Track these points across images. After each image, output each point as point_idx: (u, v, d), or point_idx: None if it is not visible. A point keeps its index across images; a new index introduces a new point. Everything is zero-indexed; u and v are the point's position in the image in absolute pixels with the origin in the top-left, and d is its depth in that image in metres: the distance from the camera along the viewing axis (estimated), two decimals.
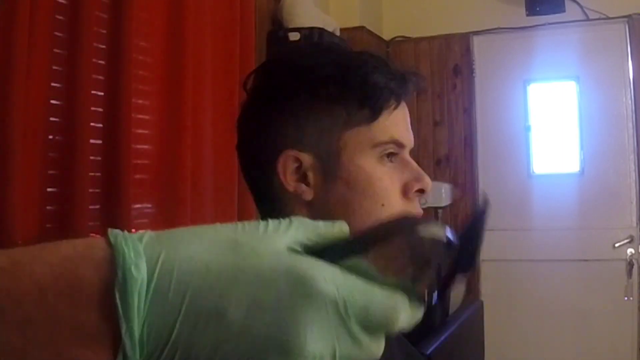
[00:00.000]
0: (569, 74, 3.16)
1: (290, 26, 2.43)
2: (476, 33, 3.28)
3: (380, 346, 0.35)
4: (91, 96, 1.57)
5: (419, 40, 3.37)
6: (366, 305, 0.34)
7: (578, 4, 3.10)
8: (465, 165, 3.31)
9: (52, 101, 1.50)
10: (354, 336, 0.34)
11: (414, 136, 0.81)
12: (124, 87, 1.63)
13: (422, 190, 0.78)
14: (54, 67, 1.49)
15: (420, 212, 0.79)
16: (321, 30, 2.47)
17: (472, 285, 3.16)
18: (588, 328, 3.03)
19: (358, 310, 0.34)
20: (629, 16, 3.03)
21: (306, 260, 0.34)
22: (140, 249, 0.33)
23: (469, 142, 3.30)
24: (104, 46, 1.63)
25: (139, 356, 0.33)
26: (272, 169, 0.76)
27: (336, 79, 0.75)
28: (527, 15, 3.13)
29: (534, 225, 3.16)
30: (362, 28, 3.04)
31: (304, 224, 0.38)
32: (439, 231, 0.38)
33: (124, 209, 1.61)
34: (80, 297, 0.33)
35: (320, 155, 0.75)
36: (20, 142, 1.35)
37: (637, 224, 3.02)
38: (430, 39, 3.36)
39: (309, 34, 2.40)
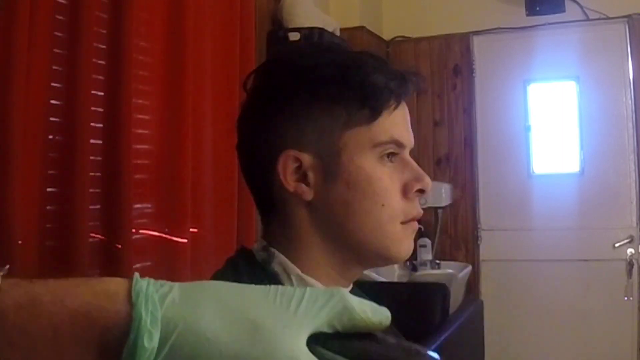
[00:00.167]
0: (569, 74, 3.16)
1: (290, 26, 2.43)
2: (476, 33, 3.28)
3: None
4: (91, 96, 1.56)
5: (419, 40, 3.37)
6: None
7: (578, 4, 3.10)
8: (465, 165, 3.31)
9: (52, 101, 1.50)
10: None
11: (414, 136, 0.81)
12: (124, 87, 1.63)
13: (422, 190, 0.78)
14: (54, 67, 1.49)
15: (420, 212, 0.79)
16: (321, 30, 2.47)
17: (472, 285, 3.16)
18: (588, 328, 3.03)
19: None
20: (629, 16, 3.03)
21: None
22: (159, 314, 0.33)
23: (469, 142, 3.30)
24: (104, 46, 1.63)
25: None
26: (272, 169, 0.76)
27: (336, 79, 0.75)
28: (527, 15, 3.13)
29: (534, 225, 3.15)
30: (362, 28, 3.04)
31: (342, 304, 0.36)
32: None
33: (124, 209, 1.61)
34: (91, 348, 0.33)
35: (321, 155, 0.75)
36: (20, 142, 1.35)
37: (637, 224, 3.02)
38: (430, 39, 3.36)
39: (309, 34, 2.40)
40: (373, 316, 0.37)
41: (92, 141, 1.57)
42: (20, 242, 1.34)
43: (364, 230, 0.75)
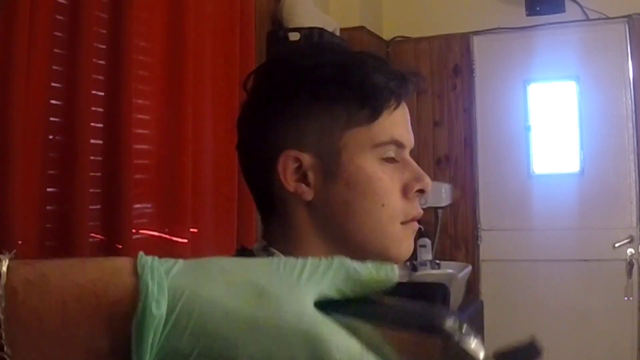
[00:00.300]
0: (569, 74, 3.16)
1: (290, 26, 2.43)
2: (476, 33, 3.28)
3: None
4: (91, 96, 1.56)
5: (419, 40, 3.37)
6: None
7: (578, 4, 3.10)
8: (465, 165, 3.30)
9: (52, 101, 1.50)
10: None
11: (414, 136, 0.81)
12: (124, 87, 1.63)
13: (422, 191, 0.78)
14: (54, 67, 1.49)
15: (420, 212, 0.79)
16: (321, 30, 2.47)
17: (472, 285, 3.16)
18: (588, 328, 3.03)
19: None
20: (629, 16, 3.03)
21: (327, 325, 0.34)
22: (165, 284, 0.34)
23: (469, 142, 3.30)
24: (104, 46, 1.63)
25: None
26: (272, 169, 0.76)
27: (336, 79, 0.75)
28: (527, 15, 3.13)
29: (534, 225, 3.15)
30: (362, 28, 3.04)
31: (344, 267, 0.37)
32: (477, 350, 0.37)
33: (124, 209, 1.61)
34: (99, 323, 0.33)
35: (321, 155, 0.75)
36: (20, 142, 1.35)
37: (637, 224, 3.02)
38: (430, 39, 3.36)
39: (309, 34, 2.40)
40: (378, 273, 0.38)
41: (92, 141, 1.57)
42: (20, 242, 1.34)
43: (364, 230, 0.75)
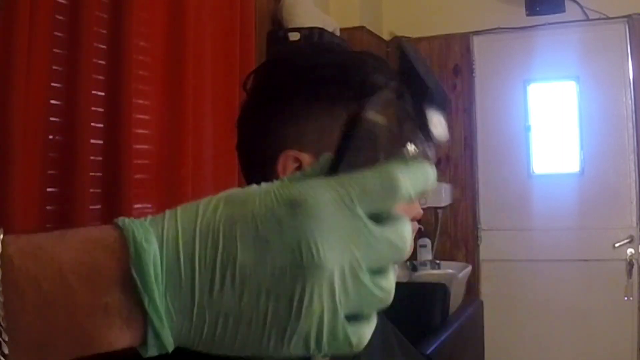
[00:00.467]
0: (569, 74, 3.16)
1: (290, 26, 2.43)
2: (476, 33, 3.28)
3: (396, 232, 0.35)
4: (91, 96, 1.57)
5: (419, 40, 3.37)
6: (363, 188, 0.34)
7: (578, 4, 3.10)
8: (465, 165, 3.31)
9: (52, 101, 1.50)
10: (366, 228, 0.34)
11: None
12: (125, 87, 1.63)
13: None
14: (54, 67, 1.49)
15: (420, 212, 0.79)
16: (321, 30, 2.47)
17: (472, 285, 3.16)
18: (588, 328, 3.03)
19: (358, 195, 0.34)
20: (629, 16, 3.03)
21: (294, 183, 0.35)
22: (147, 225, 0.34)
23: (469, 142, 3.30)
24: (104, 46, 1.63)
25: (169, 331, 0.33)
26: (272, 169, 0.76)
27: (336, 79, 0.75)
28: (527, 15, 3.13)
29: (534, 225, 3.16)
30: (362, 28, 3.04)
31: (293, 175, 0.39)
32: (375, 111, 0.37)
33: (125, 209, 1.61)
34: (100, 280, 0.33)
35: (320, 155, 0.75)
36: (20, 142, 1.35)
37: (637, 224, 3.02)
38: (430, 39, 3.36)
39: (309, 34, 2.40)
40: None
41: (93, 141, 1.57)
42: None
43: None
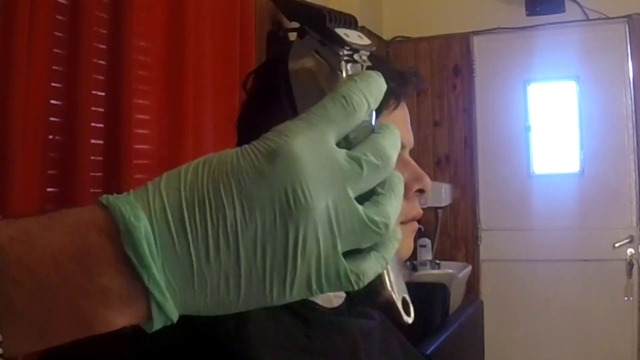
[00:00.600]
0: (569, 74, 3.16)
1: (290, 26, 2.43)
2: (476, 33, 3.28)
3: (375, 148, 0.35)
4: (91, 96, 1.57)
5: (419, 40, 3.38)
6: (327, 118, 0.34)
7: (578, 4, 3.10)
8: (465, 165, 3.31)
9: (52, 101, 1.50)
10: (343, 157, 0.34)
11: (414, 136, 0.81)
12: (125, 87, 1.63)
13: (422, 191, 0.78)
14: (54, 67, 1.49)
15: (420, 212, 0.79)
16: None
17: (472, 285, 3.16)
18: (588, 328, 3.03)
19: (326, 128, 0.34)
20: (629, 16, 3.03)
21: (267, 136, 0.35)
22: (132, 200, 0.33)
23: (469, 142, 3.30)
24: (104, 46, 1.63)
25: (172, 303, 0.33)
26: None
27: None
28: (527, 15, 3.13)
29: (534, 225, 3.16)
30: (362, 28, 3.03)
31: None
32: (294, 58, 0.40)
33: None
34: (95, 263, 0.33)
35: None
36: (20, 142, 1.35)
37: (637, 224, 3.02)
38: (430, 39, 3.36)
39: None
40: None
41: (93, 141, 1.57)
42: None
43: None
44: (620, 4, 3.03)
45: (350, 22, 0.40)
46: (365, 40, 0.39)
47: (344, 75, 0.38)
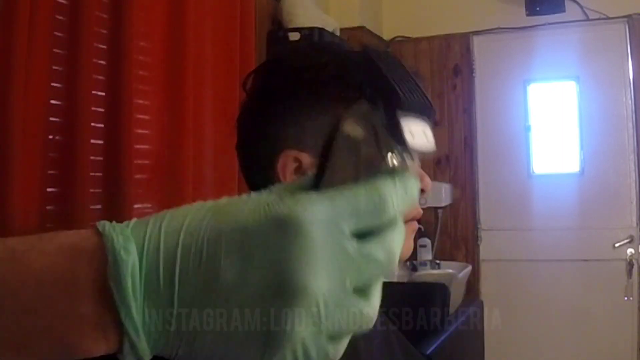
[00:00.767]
0: (569, 74, 3.16)
1: (290, 26, 2.43)
2: (476, 33, 3.28)
3: (383, 248, 0.34)
4: (91, 96, 1.57)
5: (419, 40, 3.37)
6: (353, 206, 0.33)
7: (578, 4, 3.10)
8: (465, 165, 3.30)
9: (52, 101, 1.50)
10: (354, 250, 0.32)
11: None
12: (125, 87, 1.63)
13: (422, 190, 0.78)
14: (54, 67, 1.49)
15: (420, 212, 0.79)
16: (321, 30, 2.47)
17: (472, 285, 3.16)
18: (588, 328, 3.03)
19: (349, 216, 0.32)
20: (629, 16, 3.03)
21: (285, 199, 0.33)
22: (128, 232, 0.33)
23: (469, 142, 3.30)
24: (104, 46, 1.63)
25: (146, 344, 0.32)
26: (272, 169, 0.76)
27: (336, 79, 0.75)
28: (527, 15, 3.13)
29: (534, 225, 3.15)
30: (362, 28, 3.04)
31: (283, 185, 0.37)
32: (353, 123, 0.36)
33: (125, 209, 1.61)
34: (77, 289, 0.32)
35: None
36: (20, 142, 1.35)
37: (637, 224, 3.02)
38: (430, 39, 3.36)
39: (309, 34, 2.40)
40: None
41: (93, 141, 1.57)
42: None
43: None
44: (620, 4, 3.03)
45: (424, 111, 0.37)
46: (429, 140, 0.36)
47: (388, 162, 0.35)
